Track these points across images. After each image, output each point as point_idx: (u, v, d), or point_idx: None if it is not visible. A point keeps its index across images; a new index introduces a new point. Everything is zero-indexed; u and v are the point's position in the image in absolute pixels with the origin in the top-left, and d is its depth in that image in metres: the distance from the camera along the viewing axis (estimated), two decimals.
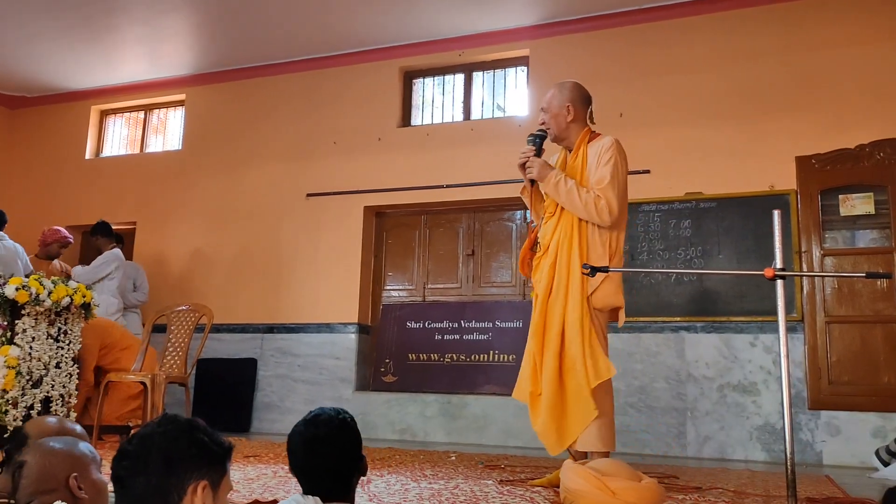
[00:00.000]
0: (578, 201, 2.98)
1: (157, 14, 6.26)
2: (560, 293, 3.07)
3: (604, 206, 2.98)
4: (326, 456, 1.69)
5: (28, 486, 1.55)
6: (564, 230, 3.07)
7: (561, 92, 3.28)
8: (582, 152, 3.19)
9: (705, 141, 5.66)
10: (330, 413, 1.76)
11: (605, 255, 3.09)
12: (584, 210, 2.99)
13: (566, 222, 3.07)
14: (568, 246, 3.05)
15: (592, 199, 2.98)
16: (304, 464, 1.71)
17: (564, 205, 3.04)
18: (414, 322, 6.44)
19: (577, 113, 3.27)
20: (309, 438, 1.70)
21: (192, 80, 7.54)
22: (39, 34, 6.65)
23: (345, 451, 1.72)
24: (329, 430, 1.71)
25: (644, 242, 5.65)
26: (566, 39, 6.24)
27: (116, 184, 7.56)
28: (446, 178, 6.37)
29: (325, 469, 1.69)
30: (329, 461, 1.70)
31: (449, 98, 6.84)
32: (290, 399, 6.46)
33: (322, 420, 1.73)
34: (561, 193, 3.02)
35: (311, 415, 1.77)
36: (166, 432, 1.25)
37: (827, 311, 5.15)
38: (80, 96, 8.00)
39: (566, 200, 3.02)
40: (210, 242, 7.06)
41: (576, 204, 3.00)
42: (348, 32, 6.55)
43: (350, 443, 1.74)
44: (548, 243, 3.12)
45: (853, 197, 5.25)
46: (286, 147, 7.04)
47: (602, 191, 2.99)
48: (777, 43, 5.62)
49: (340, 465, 1.71)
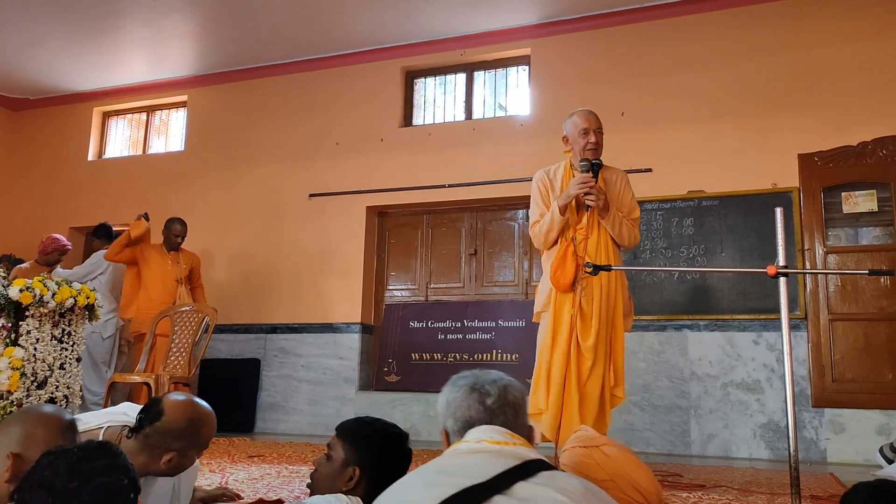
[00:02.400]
0: (625, 231, 3.38)
1: (158, 15, 6.27)
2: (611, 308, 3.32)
3: (637, 234, 3.46)
4: (393, 458, 1.82)
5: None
6: (605, 248, 3.34)
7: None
8: (599, 178, 3.39)
9: (707, 139, 5.65)
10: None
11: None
12: (627, 238, 3.40)
13: (604, 241, 3.35)
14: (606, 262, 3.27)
15: (630, 229, 3.40)
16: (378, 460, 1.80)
17: (614, 232, 3.36)
18: (417, 322, 6.44)
19: None
20: (396, 436, 1.86)
21: (194, 82, 7.55)
22: (42, 36, 6.67)
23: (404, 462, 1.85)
24: (401, 432, 1.88)
25: (647, 241, 5.65)
26: (567, 38, 6.24)
27: (119, 185, 7.57)
28: (448, 177, 6.37)
29: (388, 468, 1.78)
30: (395, 463, 1.82)
31: (451, 98, 6.84)
32: (294, 399, 6.47)
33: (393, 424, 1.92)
34: (616, 225, 3.36)
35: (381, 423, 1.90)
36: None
37: (830, 309, 5.15)
38: (82, 98, 8.02)
39: (618, 230, 3.36)
40: (213, 243, 7.07)
41: (623, 233, 3.37)
42: (349, 33, 6.56)
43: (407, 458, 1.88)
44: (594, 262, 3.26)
45: (856, 194, 5.24)
46: (288, 147, 7.05)
47: (634, 221, 3.44)
48: (778, 40, 5.61)
49: (397, 473, 1.79)
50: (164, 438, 1.84)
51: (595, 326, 3.24)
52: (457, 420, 1.55)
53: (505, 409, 1.54)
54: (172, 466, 1.87)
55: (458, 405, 1.56)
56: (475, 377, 1.60)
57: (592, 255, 3.28)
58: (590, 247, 3.30)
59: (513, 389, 1.58)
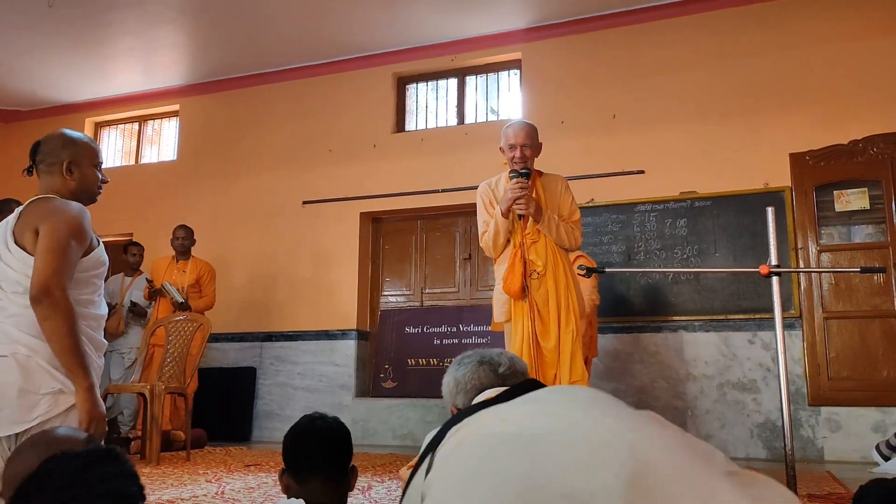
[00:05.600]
0: (564, 234, 3.50)
1: (149, 26, 6.27)
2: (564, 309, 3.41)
3: (578, 235, 3.59)
4: (323, 449, 1.66)
5: None
6: (552, 254, 3.46)
7: (535, 130, 3.60)
8: (539, 185, 3.58)
9: (699, 140, 5.67)
10: (326, 414, 1.76)
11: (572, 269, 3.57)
12: (567, 240, 3.51)
13: (549, 245, 3.46)
14: (556, 267, 3.44)
15: (572, 231, 3.54)
16: (300, 456, 1.67)
17: (551, 236, 3.47)
18: (412, 327, 6.44)
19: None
20: (309, 431, 1.69)
21: (185, 91, 7.55)
22: (33, 48, 6.66)
23: (341, 450, 1.69)
24: (328, 423, 1.71)
25: (640, 242, 5.66)
26: (557, 42, 6.26)
27: (112, 195, 7.51)
28: (442, 182, 6.37)
29: (319, 464, 1.66)
30: (326, 456, 1.67)
31: (443, 102, 6.85)
32: (290, 407, 6.45)
33: (321, 415, 1.74)
34: (552, 229, 3.47)
35: (307, 416, 1.76)
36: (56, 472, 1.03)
37: (825, 307, 5.16)
38: (74, 109, 8.00)
39: (556, 234, 3.48)
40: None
41: (562, 236, 3.49)
42: (341, 39, 6.56)
43: (346, 443, 1.72)
44: (544, 266, 3.44)
45: (848, 192, 5.26)
46: (281, 155, 7.04)
47: (575, 223, 3.58)
48: (766, 40, 5.64)
49: (333, 465, 1.68)
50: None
51: (554, 328, 3.37)
52: (468, 393, 1.58)
53: (516, 375, 1.61)
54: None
55: (468, 380, 1.60)
56: (479, 353, 1.65)
57: (536, 260, 3.43)
58: (537, 251, 3.44)
59: (518, 360, 1.66)
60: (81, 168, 2.24)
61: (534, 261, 3.42)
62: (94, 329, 2.11)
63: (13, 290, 1.99)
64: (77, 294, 2.04)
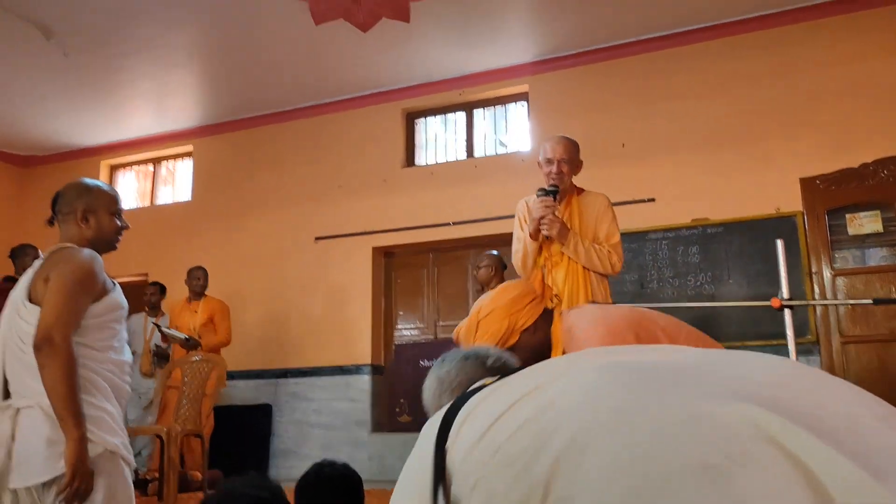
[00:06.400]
0: (596, 258, 3.20)
1: (161, 70, 6.39)
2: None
3: (616, 260, 3.25)
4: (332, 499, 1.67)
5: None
6: (574, 279, 3.20)
7: (574, 145, 3.41)
8: (575, 204, 3.36)
9: (709, 166, 5.67)
10: (336, 461, 1.77)
11: (607, 298, 3.26)
12: (600, 264, 3.21)
13: (574, 271, 3.21)
14: (577, 294, 3.18)
15: (606, 255, 3.22)
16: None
17: (579, 260, 3.20)
18: (427, 360, 6.41)
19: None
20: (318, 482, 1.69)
21: (198, 132, 7.66)
22: (48, 95, 6.80)
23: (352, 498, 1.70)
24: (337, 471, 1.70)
25: (653, 270, 5.64)
26: (564, 74, 6.31)
27: (127, 237, 7.54)
28: (452, 215, 6.40)
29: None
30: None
31: (451, 136, 6.91)
32: (307, 445, 6.42)
33: (330, 462, 1.74)
34: (580, 254, 3.20)
35: (316, 464, 1.77)
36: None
37: (842, 332, 5.10)
38: (89, 153, 8.13)
39: (585, 258, 3.20)
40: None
41: (593, 260, 3.20)
42: (349, 78, 6.65)
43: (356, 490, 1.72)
44: (562, 292, 3.20)
45: (860, 215, 5.23)
46: (293, 192, 7.11)
47: (613, 247, 3.26)
48: (773, 66, 5.66)
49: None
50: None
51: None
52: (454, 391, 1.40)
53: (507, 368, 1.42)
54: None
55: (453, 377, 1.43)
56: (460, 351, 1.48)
57: (559, 285, 3.20)
58: (558, 276, 3.21)
59: (508, 354, 1.48)
60: (97, 216, 2.26)
61: (552, 286, 3.22)
62: (116, 375, 2.09)
63: (30, 344, 2.02)
64: (92, 341, 2.04)
